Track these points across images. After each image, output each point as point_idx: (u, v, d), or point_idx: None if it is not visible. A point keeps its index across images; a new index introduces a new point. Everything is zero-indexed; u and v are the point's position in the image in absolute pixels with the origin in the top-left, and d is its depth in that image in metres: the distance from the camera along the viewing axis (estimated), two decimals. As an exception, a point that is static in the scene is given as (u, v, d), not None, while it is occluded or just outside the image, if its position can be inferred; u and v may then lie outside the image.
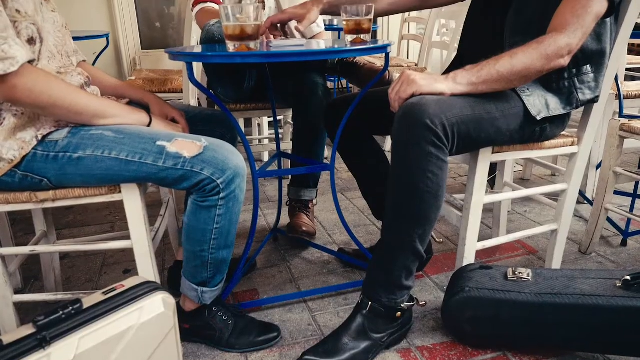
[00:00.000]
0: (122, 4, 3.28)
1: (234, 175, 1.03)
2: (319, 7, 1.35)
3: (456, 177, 2.53)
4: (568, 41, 1.06)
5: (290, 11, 1.33)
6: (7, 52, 0.89)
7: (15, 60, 0.89)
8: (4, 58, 0.88)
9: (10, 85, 0.91)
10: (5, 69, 0.89)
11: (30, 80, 0.93)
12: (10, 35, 0.90)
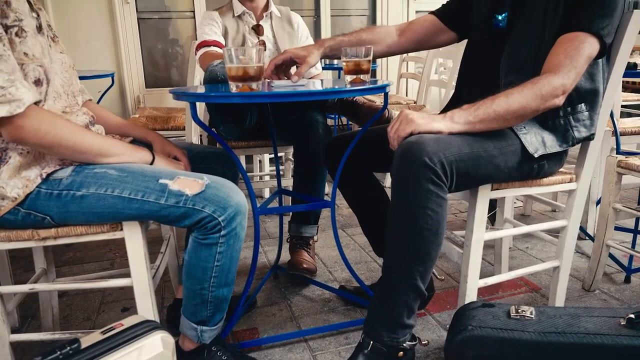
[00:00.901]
0: (127, 44, 3.37)
1: (235, 212, 1.04)
2: (320, 50, 1.39)
3: (457, 213, 2.53)
4: (562, 82, 1.09)
5: (292, 51, 1.37)
6: (14, 94, 0.91)
7: (22, 102, 0.92)
8: (11, 100, 0.91)
9: (16, 126, 0.93)
10: (12, 111, 0.91)
11: (36, 121, 0.95)
12: (17, 78, 0.93)
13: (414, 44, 1.48)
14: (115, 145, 1.09)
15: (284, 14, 2.02)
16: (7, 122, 0.93)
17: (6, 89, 0.91)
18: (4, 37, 0.94)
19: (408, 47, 1.49)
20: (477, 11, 1.39)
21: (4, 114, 0.91)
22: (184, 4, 3.53)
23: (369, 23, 3.89)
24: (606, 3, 1.12)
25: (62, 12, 3.23)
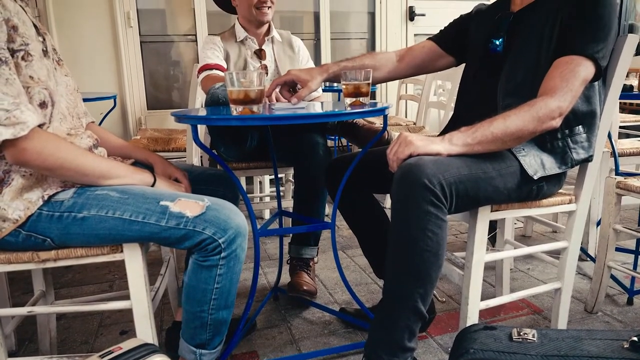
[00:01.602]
0: (130, 66, 3.42)
1: (236, 234, 1.04)
2: (323, 75, 1.41)
3: (457, 235, 2.53)
4: (559, 104, 1.11)
5: (295, 73, 1.39)
6: (18, 117, 0.92)
7: (26, 125, 0.93)
8: (15, 123, 0.92)
9: (20, 149, 0.94)
10: (16, 133, 0.92)
11: (39, 143, 0.96)
12: (22, 101, 0.95)
13: (413, 68, 1.51)
14: (117, 168, 1.10)
15: (285, 38, 2.05)
16: (11, 145, 0.94)
17: (11, 112, 0.92)
18: (10, 61, 0.96)
19: (407, 72, 1.51)
20: (474, 36, 1.41)
21: (8, 136, 0.92)
22: (186, 28, 3.60)
23: (368, 46, 3.95)
24: (600, 27, 1.14)
25: (67, 36, 3.28)
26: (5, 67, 0.94)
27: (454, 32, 1.48)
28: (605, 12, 1.14)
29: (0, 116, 0.91)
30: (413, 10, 3.77)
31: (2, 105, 0.92)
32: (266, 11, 1.90)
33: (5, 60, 0.95)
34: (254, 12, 1.89)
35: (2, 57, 0.94)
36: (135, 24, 3.40)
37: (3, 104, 0.92)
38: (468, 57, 1.45)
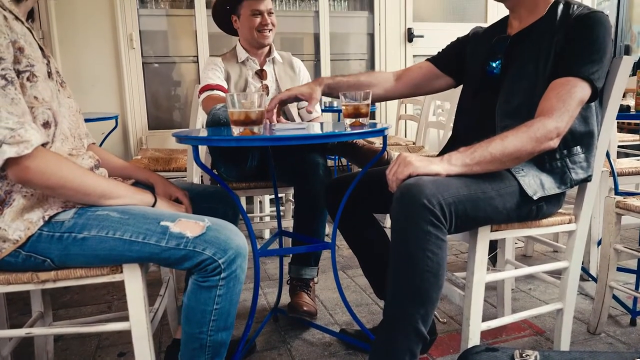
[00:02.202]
0: (132, 87, 3.46)
1: (236, 255, 1.04)
2: (320, 87, 1.44)
3: (458, 254, 2.52)
4: (556, 125, 1.12)
5: (297, 90, 1.41)
6: (22, 136, 0.93)
7: (30, 144, 0.94)
8: (19, 141, 0.93)
9: (23, 167, 0.95)
10: (20, 152, 0.93)
11: (42, 162, 0.97)
12: (27, 121, 0.96)
13: (411, 88, 1.52)
14: (118, 188, 1.10)
15: (286, 59, 2.08)
16: (15, 163, 0.95)
17: (16, 130, 0.93)
18: (15, 82, 0.97)
19: (405, 91, 1.53)
20: (471, 58, 1.43)
21: (12, 154, 0.93)
22: (187, 50, 3.64)
23: (367, 67, 4.00)
24: (595, 50, 1.16)
25: (70, 57, 3.32)
26: (11, 87, 0.96)
27: (451, 53, 1.51)
28: (600, 35, 1.16)
29: (5, 135, 0.92)
30: (411, 32, 3.82)
31: (7, 124, 0.93)
32: (267, 34, 1.93)
33: (11, 81, 0.96)
34: (255, 35, 1.93)
35: (8, 77, 0.96)
36: (137, 45, 3.44)
37: (8, 122, 0.93)
38: (466, 78, 1.47)
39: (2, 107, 0.93)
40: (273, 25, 1.95)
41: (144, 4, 3.56)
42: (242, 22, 1.95)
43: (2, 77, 0.94)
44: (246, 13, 1.92)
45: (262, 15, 1.91)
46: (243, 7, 1.92)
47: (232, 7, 1.96)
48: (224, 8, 1.97)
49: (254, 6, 1.90)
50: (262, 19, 1.91)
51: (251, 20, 1.91)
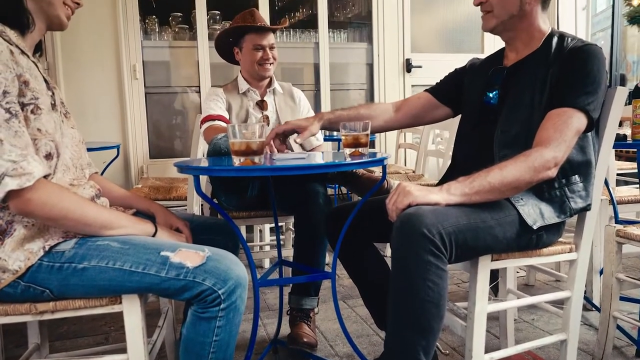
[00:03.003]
0: (134, 117, 3.50)
1: (236, 285, 1.03)
2: (320, 122, 1.46)
3: (459, 284, 2.50)
4: (554, 154, 1.13)
5: (294, 123, 1.43)
6: (25, 168, 0.94)
7: (32, 176, 0.95)
8: (21, 174, 0.94)
9: (25, 199, 0.96)
10: (22, 184, 0.94)
11: (44, 194, 0.97)
12: (29, 153, 0.97)
13: (411, 118, 1.55)
14: (119, 218, 1.11)
15: (286, 90, 2.12)
16: (16, 196, 0.95)
17: (18, 163, 0.94)
18: (19, 115, 0.99)
19: (404, 122, 1.55)
20: (469, 89, 1.46)
21: (14, 187, 0.93)
22: (189, 80, 3.70)
23: (366, 97, 4.05)
24: (590, 82, 1.18)
25: (74, 88, 3.37)
26: (15, 120, 0.97)
27: (449, 84, 1.54)
28: (594, 67, 1.19)
29: (8, 167, 0.93)
30: (410, 63, 3.89)
31: (10, 157, 0.94)
32: (268, 67, 1.97)
33: (15, 114, 0.98)
34: (257, 68, 1.96)
35: (12, 110, 0.97)
36: (140, 76, 3.50)
37: (11, 155, 0.94)
38: (464, 108, 1.50)
39: (5, 139, 0.94)
40: (274, 59, 1.99)
41: (147, 35, 3.64)
42: (243, 55, 1.99)
43: (6, 110, 0.96)
44: (248, 46, 1.96)
45: (264, 49, 1.95)
46: (245, 40, 1.97)
47: (235, 40, 2.00)
48: (226, 40, 2.01)
49: (256, 41, 1.94)
50: (263, 54, 1.95)
51: (253, 54, 1.95)
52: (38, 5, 1.10)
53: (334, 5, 4.07)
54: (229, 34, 1.99)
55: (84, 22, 3.24)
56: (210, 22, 3.63)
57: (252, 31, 1.94)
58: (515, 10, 1.28)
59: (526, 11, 1.29)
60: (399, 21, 3.89)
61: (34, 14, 1.10)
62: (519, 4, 1.28)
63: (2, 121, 0.95)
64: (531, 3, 1.28)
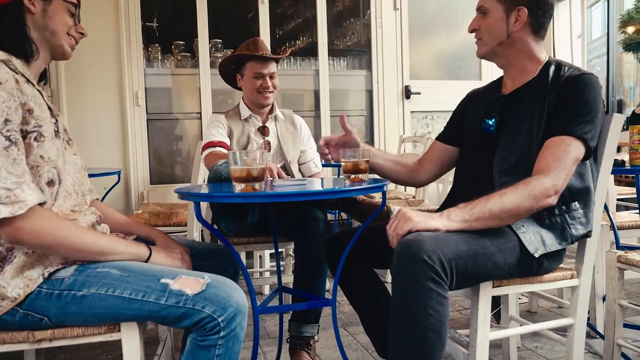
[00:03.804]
0: (136, 143, 3.52)
1: (235, 313, 1.03)
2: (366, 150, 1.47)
3: (461, 310, 2.47)
4: (553, 182, 1.14)
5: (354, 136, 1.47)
6: (18, 196, 0.94)
7: (25, 204, 0.95)
8: (14, 202, 0.94)
9: (15, 228, 0.95)
10: (14, 212, 0.94)
11: (36, 222, 0.97)
12: (25, 181, 0.97)
13: (435, 167, 1.56)
14: (115, 244, 1.10)
15: (288, 116, 2.15)
16: (7, 223, 0.95)
17: (12, 190, 0.94)
18: (19, 143, 1.00)
19: (430, 171, 1.57)
20: (470, 117, 1.48)
21: (6, 214, 0.93)
22: (191, 107, 3.74)
23: (366, 122, 4.08)
24: (587, 112, 1.20)
25: (77, 114, 3.40)
26: (14, 148, 0.98)
27: (454, 125, 1.56)
28: (590, 97, 1.21)
29: (1, 195, 0.93)
30: (409, 89, 3.94)
31: (5, 184, 0.94)
32: (267, 95, 2.00)
33: (15, 142, 0.98)
34: (256, 95, 1.99)
35: (12, 138, 0.98)
36: (142, 102, 3.54)
37: (6, 183, 0.94)
38: (464, 135, 1.51)
39: (3, 167, 0.95)
40: (274, 87, 2.02)
41: (150, 63, 3.69)
42: (244, 82, 2.03)
43: (6, 138, 0.97)
44: (249, 74, 1.99)
45: (264, 78, 1.98)
46: (247, 68, 2.00)
47: (237, 67, 2.04)
48: (229, 66, 2.05)
49: (256, 69, 1.98)
50: (263, 82, 1.98)
51: (253, 81, 1.99)
52: (42, 34, 1.13)
53: (334, 34, 4.14)
54: (232, 61, 2.03)
55: (88, 50, 3.29)
56: (212, 50, 3.69)
57: (253, 59, 1.98)
58: (503, 37, 1.32)
59: (515, 39, 1.32)
60: (397, 49, 3.96)
61: (38, 44, 1.13)
62: (506, 32, 1.31)
63: (2, 149, 0.95)
64: (518, 31, 1.31)
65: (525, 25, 1.30)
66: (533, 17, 1.30)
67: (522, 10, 1.29)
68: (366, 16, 3.99)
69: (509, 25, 1.30)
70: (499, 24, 1.31)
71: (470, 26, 1.37)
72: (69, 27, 1.16)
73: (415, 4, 3.96)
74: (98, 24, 3.36)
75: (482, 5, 1.34)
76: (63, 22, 1.14)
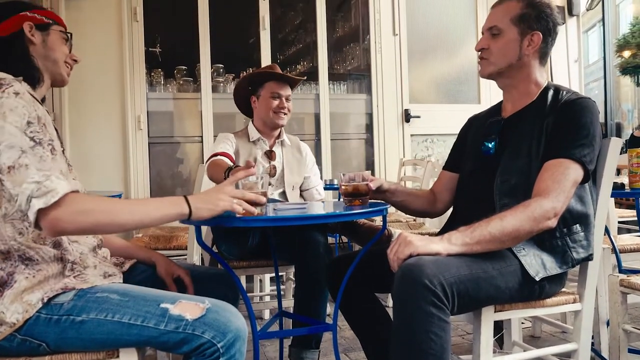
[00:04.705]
0: (137, 166, 3.53)
1: (235, 338, 1.01)
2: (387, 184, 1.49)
3: (464, 335, 2.44)
4: (553, 205, 1.15)
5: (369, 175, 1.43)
6: (48, 186, 0.95)
7: (56, 192, 0.95)
8: (45, 192, 0.94)
9: (53, 219, 0.95)
10: (48, 202, 0.94)
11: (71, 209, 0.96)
12: (53, 173, 0.98)
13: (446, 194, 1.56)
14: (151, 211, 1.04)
15: (294, 143, 2.17)
16: (44, 217, 0.94)
17: (42, 182, 0.95)
18: (44, 142, 1.02)
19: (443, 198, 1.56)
20: (470, 141, 1.49)
21: (41, 205, 0.93)
22: (192, 131, 3.77)
23: (366, 146, 4.10)
24: (584, 135, 1.22)
25: (79, 137, 3.43)
26: (39, 147, 1.00)
27: (456, 153, 1.57)
28: (587, 121, 1.22)
29: (33, 189, 0.94)
30: (408, 113, 3.97)
31: (33, 179, 0.95)
32: (282, 116, 2.04)
33: (40, 142, 1.01)
34: (271, 116, 2.03)
35: (36, 139, 1.01)
36: (144, 126, 3.57)
37: (34, 177, 0.95)
38: (464, 158, 1.52)
39: (31, 164, 0.96)
40: (289, 110, 2.07)
41: (152, 87, 3.74)
42: (260, 103, 2.06)
43: (31, 138, 1.00)
44: (266, 95, 2.03)
45: (281, 98, 2.03)
46: (264, 88, 2.05)
47: (254, 88, 2.07)
48: (246, 87, 2.08)
49: (275, 89, 2.02)
50: (279, 102, 2.03)
51: (270, 101, 2.03)
52: (44, 64, 1.18)
53: (334, 59, 4.20)
54: (250, 81, 2.07)
55: (92, 74, 3.34)
56: (214, 75, 3.74)
57: (272, 79, 2.02)
58: (515, 59, 1.33)
59: (524, 62, 1.33)
60: (397, 73, 4.01)
61: (42, 71, 1.18)
62: (518, 54, 1.33)
63: (28, 148, 0.98)
64: (530, 55, 1.33)
65: (536, 50, 1.32)
66: (544, 43, 1.32)
67: (537, 35, 1.31)
68: (366, 41, 4.05)
69: (521, 49, 1.32)
70: (512, 46, 1.32)
71: (479, 44, 1.38)
72: (65, 56, 1.23)
73: (413, 29, 4.03)
74: (102, 49, 3.41)
75: (495, 25, 1.34)
76: (61, 51, 1.21)
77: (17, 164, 0.96)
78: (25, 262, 1.05)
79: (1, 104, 0.99)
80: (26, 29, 1.15)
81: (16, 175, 0.95)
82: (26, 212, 0.95)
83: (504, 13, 1.33)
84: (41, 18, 1.19)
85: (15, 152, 0.96)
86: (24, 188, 0.94)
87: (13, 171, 0.95)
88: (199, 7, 3.59)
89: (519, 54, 1.32)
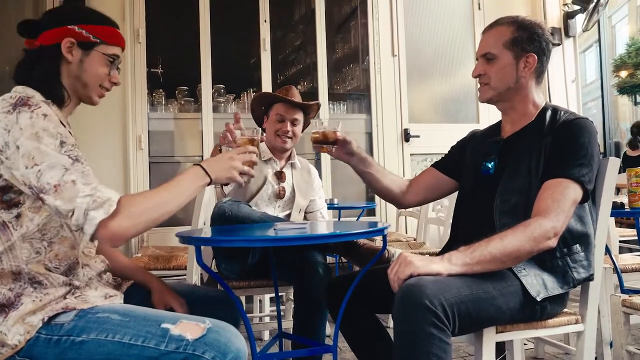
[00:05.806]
0: (137, 185, 3.54)
1: (235, 358, 1.01)
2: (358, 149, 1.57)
3: (465, 357, 2.41)
4: (553, 224, 1.15)
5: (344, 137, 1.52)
6: (102, 197, 0.96)
7: (112, 201, 0.97)
8: (102, 203, 0.96)
9: (116, 230, 0.97)
10: (108, 211, 0.95)
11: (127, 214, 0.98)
12: (99, 185, 0.99)
13: (423, 190, 1.58)
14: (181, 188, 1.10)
15: (304, 165, 2.17)
16: (105, 229, 0.96)
17: (94, 195, 0.96)
18: (81, 158, 1.02)
19: (418, 194, 1.58)
20: (470, 158, 1.50)
21: (103, 216, 0.95)
22: (193, 150, 3.79)
23: (366, 165, 4.12)
24: (582, 155, 1.23)
25: (80, 158, 3.44)
26: (79, 164, 1.00)
27: (452, 156, 1.58)
28: (585, 141, 1.24)
29: (88, 202, 0.95)
30: (408, 132, 4.00)
31: (85, 193, 0.96)
32: (285, 139, 2.00)
33: (77, 158, 1.01)
34: (275, 138, 2.01)
35: (72, 156, 1.01)
36: (145, 145, 3.59)
37: (85, 191, 0.96)
38: (463, 177, 1.53)
39: (77, 180, 0.97)
40: (294, 134, 2.01)
41: (154, 107, 3.77)
42: (268, 124, 2.05)
43: (68, 156, 1.00)
44: (273, 116, 2.02)
45: (285, 122, 1.99)
46: (273, 109, 2.03)
47: (266, 109, 2.07)
48: (259, 107, 2.09)
49: (280, 110, 2.00)
50: (283, 125, 1.99)
51: (275, 123, 2.01)
52: (73, 83, 1.15)
53: (334, 79, 4.25)
54: (261, 102, 2.07)
55: (94, 96, 3.38)
56: (215, 95, 3.77)
57: (280, 102, 2.01)
58: (512, 82, 1.35)
59: (522, 84, 1.35)
60: (396, 93, 4.05)
61: (70, 91, 1.15)
62: (515, 77, 1.34)
63: (69, 165, 0.98)
64: (526, 77, 1.35)
65: (532, 71, 1.34)
66: (539, 63, 1.34)
67: (532, 57, 1.33)
68: (365, 62, 4.10)
69: (518, 71, 1.34)
70: (508, 70, 1.34)
71: (475, 71, 1.40)
72: (102, 80, 1.18)
73: (412, 50, 4.08)
74: (105, 70, 3.45)
75: (488, 52, 1.36)
76: (96, 74, 1.15)
77: (63, 181, 0.96)
78: (34, 285, 1.05)
79: (32, 124, 0.99)
80: (64, 45, 1.10)
81: (65, 192, 0.96)
82: (82, 226, 0.95)
83: (495, 38, 1.35)
84: (88, 36, 1.11)
85: (59, 171, 0.97)
86: (79, 203, 0.95)
87: (60, 189, 0.96)
88: (201, 29, 3.64)
89: (516, 76, 1.34)
